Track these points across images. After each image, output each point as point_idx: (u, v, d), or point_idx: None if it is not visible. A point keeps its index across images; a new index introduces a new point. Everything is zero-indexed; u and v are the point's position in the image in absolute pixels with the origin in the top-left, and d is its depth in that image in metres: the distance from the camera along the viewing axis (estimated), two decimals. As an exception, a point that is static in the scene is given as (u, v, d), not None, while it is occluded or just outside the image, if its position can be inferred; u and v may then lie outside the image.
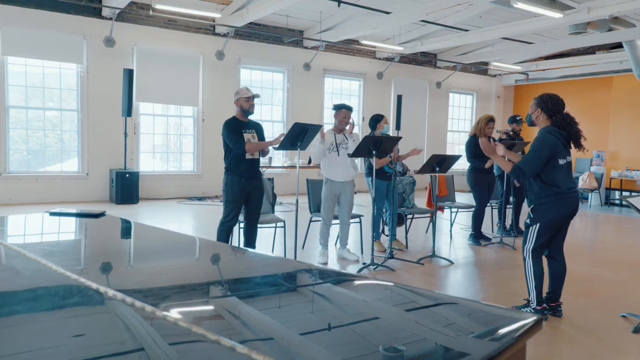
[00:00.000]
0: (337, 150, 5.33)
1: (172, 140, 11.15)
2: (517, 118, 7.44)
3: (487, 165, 6.45)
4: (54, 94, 9.63)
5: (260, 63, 11.59)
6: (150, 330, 0.96)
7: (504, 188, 7.02)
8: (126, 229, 1.99)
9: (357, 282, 1.50)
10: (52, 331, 0.93)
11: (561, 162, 3.80)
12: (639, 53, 10.90)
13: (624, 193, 12.83)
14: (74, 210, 2.06)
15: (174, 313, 1.02)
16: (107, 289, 1.08)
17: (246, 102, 4.76)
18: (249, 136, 4.80)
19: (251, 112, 4.82)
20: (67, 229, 1.86)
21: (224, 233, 4.87)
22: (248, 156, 4.80)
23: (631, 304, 4.38)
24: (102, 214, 2.03)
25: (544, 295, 4.01)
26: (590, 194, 12.51)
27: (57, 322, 0.99)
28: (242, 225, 5.08)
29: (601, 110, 13.71)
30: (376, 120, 5.96)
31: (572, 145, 3.88)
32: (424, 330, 1.15)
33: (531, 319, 1.11)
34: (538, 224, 3.85)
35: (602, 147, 13.47)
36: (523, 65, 14.64)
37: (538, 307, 3.90)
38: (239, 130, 4.72)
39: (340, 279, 1.62)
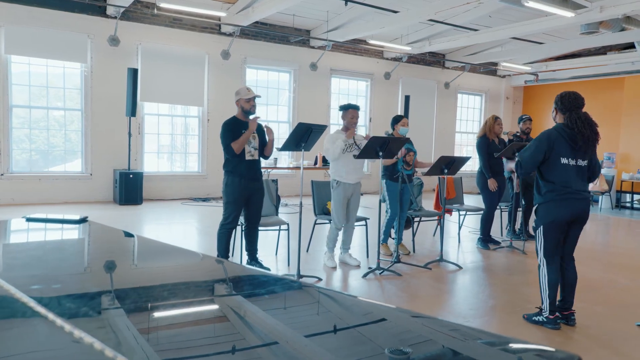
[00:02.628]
0: (351, 151, 5.24)
1: (178, 140, 11.06)
2: (524, 117, 7.30)
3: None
4: (58, 94, 9.56)
5: (266, 63, 11.48)
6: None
7: (515, 190, 6.85)
8: (103, 238, 1.85)
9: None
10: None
11: (564, 160, 3.64)
12: (652, 53, 10.67)
13: (635, 196, 12.59)
14: (53, 216, 1.93)
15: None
16: (53, 315, 0.96)
17: (247, 103, 4.70)
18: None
19: (252, 112, 4.75)
20: (39, 238, 1.73)
21: (225, 235, 4.77)
22: (248, 157, 4.70)
23: (648, 312, 4.21)
24: (83, 220, 1.91)
25: (556, 303, 3.85)
26: (600, 197, 12.28)
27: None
28: (244, 227, 4.97)
29: (612, 112, 13.47)
30: (396, 120, 5.90)
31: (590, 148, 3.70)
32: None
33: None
34: (541, 226, 3.73)
35: (613, 149, 13.24)
36: (533, 66, 14.42)
37: (551, 316, 3.74)
38: (235, 132, 4.65)
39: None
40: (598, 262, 6.14)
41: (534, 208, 3.81)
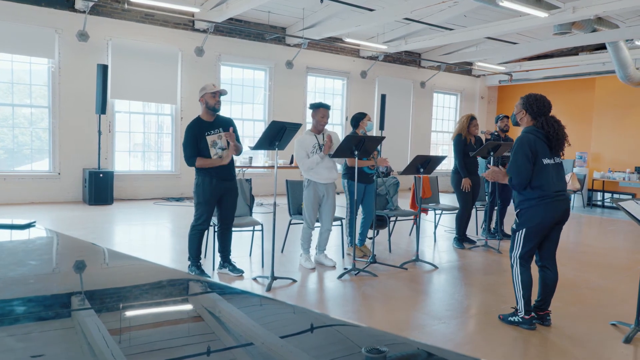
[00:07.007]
0: (320, 152, 5.10)
1: (152, 139, 10.80)
2: (501, 116, 7.32)
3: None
4: (24, 90, 9.22)
5: (241, 60, 11.30)
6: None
7: (490, 190, 6.86)
8: (44, 246, 1.71)
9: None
10: None
11: (546, 161, 3.62)
12: (622, 54, 10.86)
13: (606, 194, 12.84)
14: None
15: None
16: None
17: (212, 99, 4.53)
18: (214, 138, 4.55)
19: (217, 109, 4.58)
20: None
21: (196, 237, 4.63)
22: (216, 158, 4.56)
23: (620, 311, 4.23)
24: (30, 225, 1.77)
25: (533, 303, 3.83)
26: (572, 196, 12.47)
27: None
28: (217, 228, 4.83)
29: (584, 112, 13.71)
30: (358, 119, 5.73)
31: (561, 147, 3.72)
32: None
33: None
34: (524, 229, 3.67)
35: (585, 148, 13.47)
36: (507, 66, 14.58)
37: (526, 317, 3.71)
38: (198, 137, 4.49)
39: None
40: (572, 261, 6.18)
41: (516, 212, 3.76)
